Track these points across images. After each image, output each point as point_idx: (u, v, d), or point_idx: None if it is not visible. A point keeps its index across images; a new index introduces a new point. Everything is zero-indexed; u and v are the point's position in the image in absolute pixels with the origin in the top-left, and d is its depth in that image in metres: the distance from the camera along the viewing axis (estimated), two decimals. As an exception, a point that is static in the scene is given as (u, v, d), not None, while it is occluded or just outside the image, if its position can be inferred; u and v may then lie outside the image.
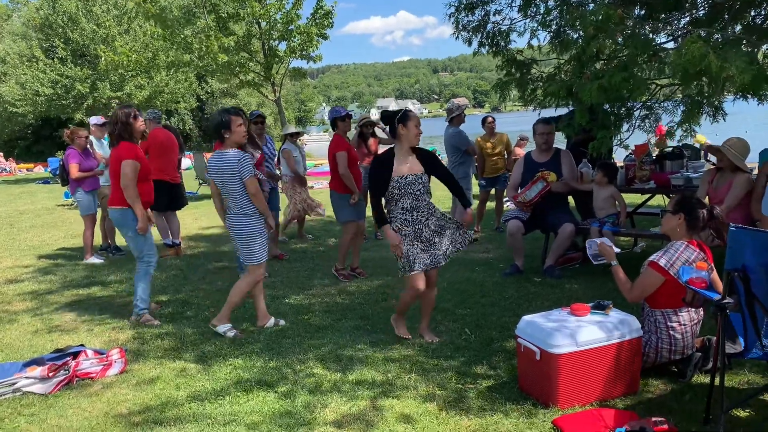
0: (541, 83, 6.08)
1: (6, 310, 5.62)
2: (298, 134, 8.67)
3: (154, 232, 5.92)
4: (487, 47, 6.27)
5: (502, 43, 6.31)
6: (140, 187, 5.04)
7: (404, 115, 4.32)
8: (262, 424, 3.28)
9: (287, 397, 3.57)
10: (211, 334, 4.70)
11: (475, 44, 6.36)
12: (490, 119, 8.83)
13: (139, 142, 5.34)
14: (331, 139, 6.66)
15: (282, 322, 4.93)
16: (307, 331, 4.74)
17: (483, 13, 6.25)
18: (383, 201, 4.31)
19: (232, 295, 4.73)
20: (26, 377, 3.88)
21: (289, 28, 15.44)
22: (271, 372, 3.94)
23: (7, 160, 30.52)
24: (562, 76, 5.86)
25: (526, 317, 3.60)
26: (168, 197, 7.64)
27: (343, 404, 3.47)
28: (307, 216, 8.82)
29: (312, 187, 15.29)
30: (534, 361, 3.37)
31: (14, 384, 3.84)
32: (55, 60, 25.07)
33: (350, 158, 6.31)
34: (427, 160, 4.38)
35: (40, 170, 28.31)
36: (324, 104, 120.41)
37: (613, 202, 6.11)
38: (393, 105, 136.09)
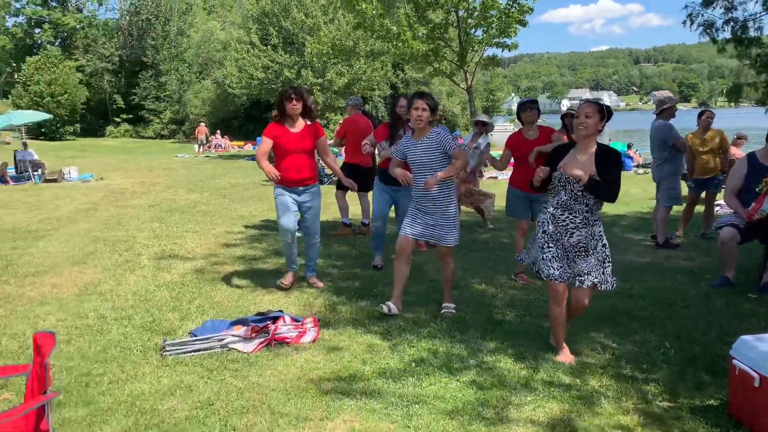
0: None
1: (219, 271, 6.25)
2: (484, 124, 8.43)
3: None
4: (734, 44, 5.61)
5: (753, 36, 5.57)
6: (281, 163, 5.36)
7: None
8: (444, 411, 3.27)
9: (470, 387, 3.54)
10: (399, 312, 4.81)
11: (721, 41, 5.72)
12: (707, 114, 7.97)
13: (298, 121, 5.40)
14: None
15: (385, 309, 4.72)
16: (490, 323, 4.66)
17: (726, 7, 5.61)
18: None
19: None
20: (232, 335, 4.26)
21: (490, 13, 15.26)
22: (454, 359, 3.93)
23: (222, 137, 34.05)
24: None
25: (745, 337, 3.19)
26: (361, 179, 8.01)
27: (528, 404, 3.35)
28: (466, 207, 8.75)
29: (496, 178, 15.12)
30: (752, 388, 2.98)
31: (222, 340, 4.23)
32: (268, 47, 27.38)
33: (519, 156, 5.85)
34: (603, 162, 3.80)
35: (249, 148, 31.20)
36: (513, 94, 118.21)
37: None
38: (587, 95, 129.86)
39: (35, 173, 16.08)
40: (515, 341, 4.26)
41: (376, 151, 6.64)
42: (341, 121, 8.84)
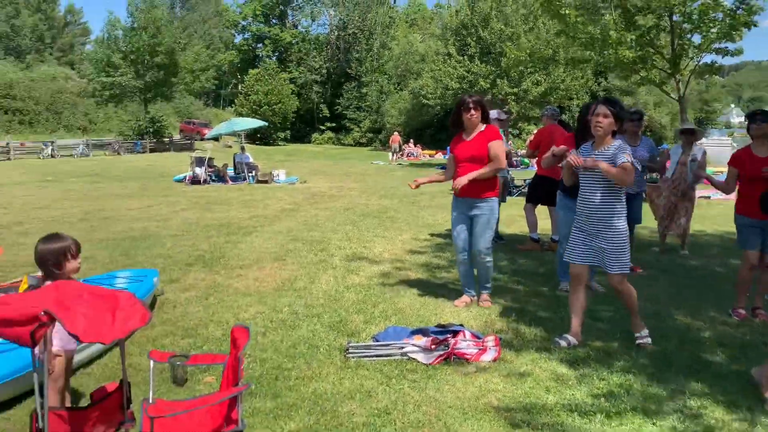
0: None
1: (403, 277, 6.33)
2: (692, 132, 7.57)
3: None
4: None
5: None
6: (455, 173, 5.31)
7: None
8: (636, 456, 2.94)
9: (669, 435, 3.14)
10: (585, 339, 4.47)
11: None
12: None
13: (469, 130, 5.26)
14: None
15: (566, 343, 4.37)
16: (695, 362, 4.13)
17: None
18: None
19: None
20: (413, 344, 4.23)
21: (713, 16, 13.81)
22: (651, 399, 3.53)
23: (415, 146, 35.03)
24: None
25: None
26: (548, 192, 7.66)
27: (740, 463, 2.89)
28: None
29: (708, 198, 13.64)
30: None
31: (403, 348, 4.23)
32: (465, 57, 27.61)
33: (746, 176, 5.06)
34: None
35: (439, 157, 31.71)
36: (732, 105, 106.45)
37: None
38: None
39: (250, 174, 17.82)
40: (726, 386, 3.72)
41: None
42: (535, 131, 8.56)
